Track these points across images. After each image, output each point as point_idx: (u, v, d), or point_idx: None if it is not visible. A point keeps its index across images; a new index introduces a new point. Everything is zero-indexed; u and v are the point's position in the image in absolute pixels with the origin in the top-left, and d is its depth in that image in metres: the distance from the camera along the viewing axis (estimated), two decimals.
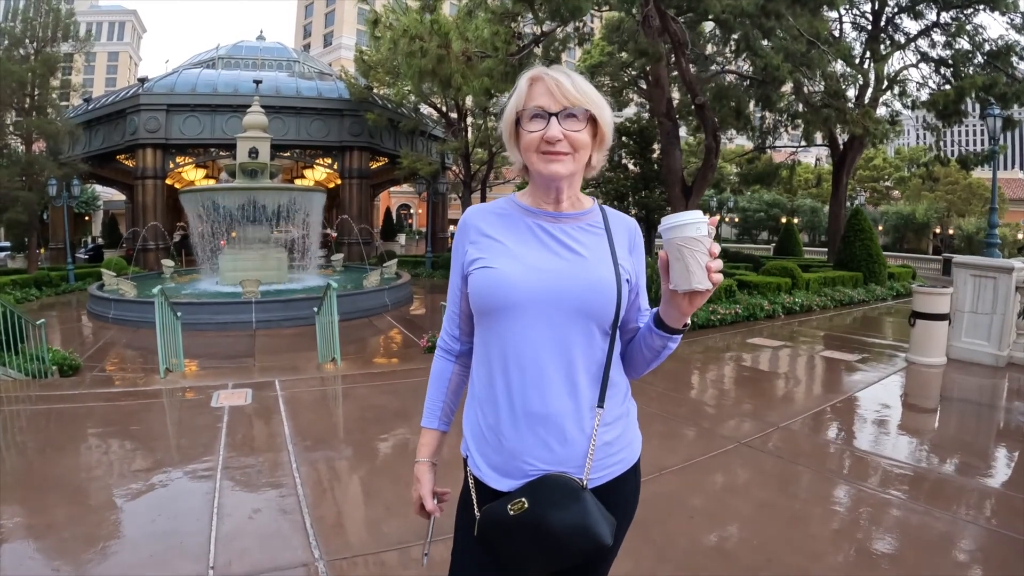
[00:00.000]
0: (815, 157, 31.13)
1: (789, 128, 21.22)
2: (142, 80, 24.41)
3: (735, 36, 11.77)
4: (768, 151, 24.27)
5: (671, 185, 13.83)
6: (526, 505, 1.25)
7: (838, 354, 7.87)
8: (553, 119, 1.30)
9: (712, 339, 9.02)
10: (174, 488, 3.77)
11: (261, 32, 35.38)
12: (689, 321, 1.31)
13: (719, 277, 1.17)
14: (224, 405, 5.47)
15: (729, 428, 5.01)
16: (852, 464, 4.28)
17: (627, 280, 1.38)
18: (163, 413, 5.66)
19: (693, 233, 1.15)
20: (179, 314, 8.68)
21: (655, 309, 1.35)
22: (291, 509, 3.41)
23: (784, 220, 39.25)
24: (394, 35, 12.02)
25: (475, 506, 1.38)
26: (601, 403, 1.34)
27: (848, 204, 20.71)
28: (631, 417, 1.48)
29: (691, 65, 14.89)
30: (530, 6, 10.86)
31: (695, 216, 1.15)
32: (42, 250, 27.25)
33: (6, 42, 19.47)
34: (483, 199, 28.92)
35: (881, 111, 18.75)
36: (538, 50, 12.88)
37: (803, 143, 21.24)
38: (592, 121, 1.34)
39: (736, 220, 48.68)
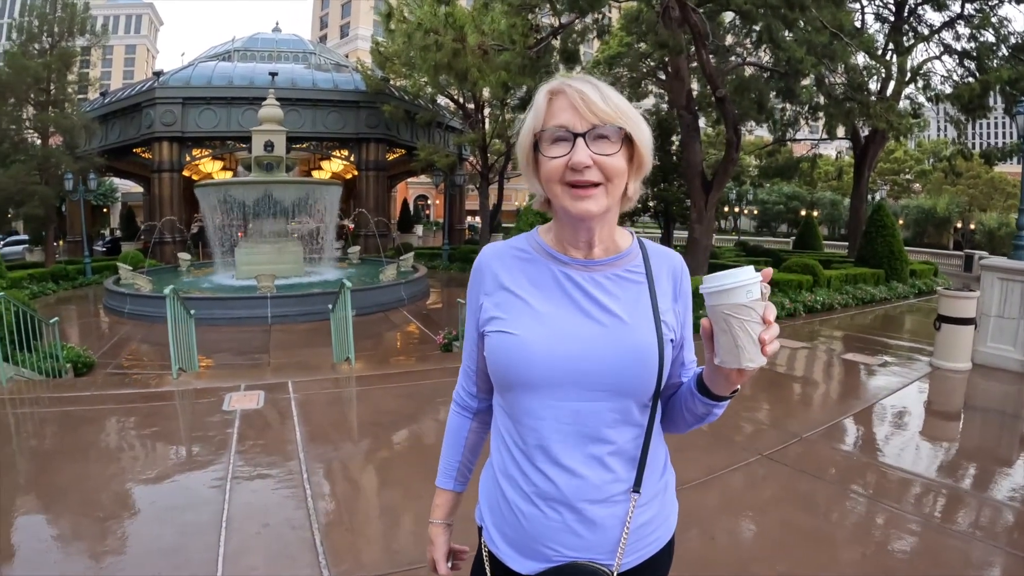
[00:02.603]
0: (836, 150, 30.73)
1: (810, 121, 20.91)
2: (157, 74, 24.47)
3: (757, 27, 11.53)
4: (789, 144, 23.95)
5: (691, 179, 13.62)
6: None
7: (860, 357, 7.67)
8: (579, 141, 1.06)
9: None
10: (183, 499, 3.70)
11: (277, 24, 35.31)
12: (739, 387, 1.08)
13: (775, 347, 0.96)
14: (236, 409, 5.40)
15: (750, 438, 4.85)
16: (878, 480, 4.11)
17: (671, 340, 1.17)
18: (174, 418, 5.61)
19: (743, 299, 0.94)
20: (192, 312, 8.65)
21: (699, 369, 1.15)
22: (300, 524, 3.33)
23: (804, 213, 38.86)
24: (408, 28, 11.91)
25: None
26: (637, 487, 1.15)
27: (869, 198, 20.38)
28: (669, 489, 1.29)
29: (712, 57, 14.66)
30: None
31: (745, 276, 0.94)
32: (60, 243, 27.49)
33: (23, 37, 19.56)
34: (500, 191, 28.75)
35: (904, 104, 18.39)
36: (556, 42, 12.71)
37: (824, 136, 20.92)
38: (627, 141, 1.10)
39: (755, 212, 48.36)
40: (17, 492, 3.79)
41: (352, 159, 26.20)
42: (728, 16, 16.64)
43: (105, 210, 45.98)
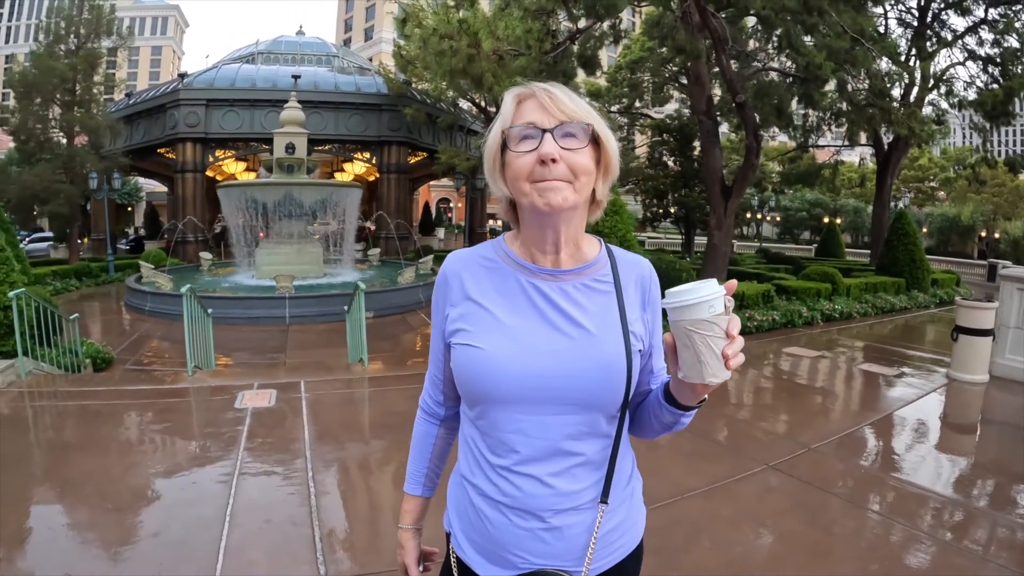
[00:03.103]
0: (859, 156, 30.38)
1: (832, 127, 20.71)
2: (182, 75, 24.86)
3: (777, 32, 11.44)
4: (811, 150, 23.73)
5: (711, 185, 13.53)
6: None
7: (876, 367, 7.58)
8: (547, 135, 1.06)
9: (747, 346, 8.65)
10: (190, 493, 3.77)
11: (300, 27, 35.74)
12: (706, 396, 1.07)
13: (739, 361, 0.95)
14: (248, 407, 5.47)
15: (758, 448, 4.79)
16: (886, 494, 4.03)
17: (639, 351, 1.16)
18: (187, 413, 5.70)
19: (705, 314, 0.92)
20: (210, 311, 8.76)
21: (667, 378, 1.12)
22: (302, 521, 3.37)
23: (827, 220, 38.48)
24: (424, 33, 11.96)
25: None
26: (605, 498, 1.15)
27: (893, 205, 20.15)
28: (636, 495, 1.28)
29: (733, 62, 14.58)
30: (564, 3, 10.66)
31: (707, 290, 0.92)
32: (85, 240, 27.96)
33: (49, 38, 19.96)
34: None
35: (927, 110, 18.17)
36: (575, 47, 12.70)
37: (846, 142, 20.71)
38: (595, 142, 1.11)
39: (778, 219, 48.02)
40: (30, 482, 3.88)
41: (374, 162, 26.35)
42: (751, 21, 16.57)
43: (130, 209, 46.72)
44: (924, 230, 38.82)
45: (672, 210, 24.99)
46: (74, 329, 7.80)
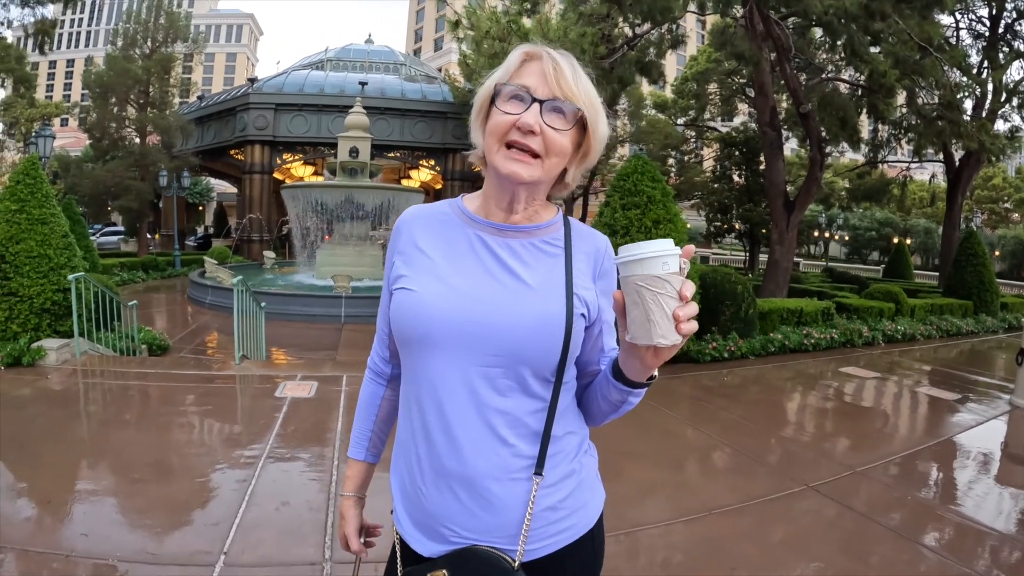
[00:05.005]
0: (930, 174, 29.13)
1: (903, 142, 19.92)
2: (252, 80, 25.72)
3: (841, 41, 11.06)
4: (880, 166, 22.88)
5: (773, 198, 13.16)
6: None
7: (935, 391, 7.18)
8: (535, 105, 1.04)
9: (803, 364, 8.43)
10: (216, 471, 3.85)
11: (369, 36, 36.52)
12: (656, 373, 1.03)
13: (691, 327, 0.90)
14: (287, 396, 5.56)
15: (800, 468, 4.54)
16: (933, 524, 3.75)
17: (582, 314, 1.10)
18: (227, 398, 5.82)
19: (658, 270, 0.88)
20: (263, 304, 8.96)
21: (615, 354, 1.08)
22: (318, 506, 3.38)
23: (896, 240, 37.06)
24: (477, 36, 12.00)
25: (399, 565, 1.19)
26: (539, 468, 1.08)
27: (964, 226, 19.23)
28: (585, 473, 1.19)
29: (801, 73, 14.19)
30: (619, 6, 10.51)
31: (662, 247, 0.88)
32: (156, 236, 29.18)
33: (125, 42, 20.97)
34: (584, 207, 28.52)
35: (1000, 125, 17.29)
36: (632, 53, 12.55)
37: (916, 158, 19.89)
38: (581, 126, 1.08)
39: (846, 238, 46.62)
40: (70, 451, 4.04)
41: (438, 169, 26.64)
42: (818, 33, 16.11)
43: (201, 208, 48.56)
44: (996, 253, 36.97)
45: (736, 225, 24.47)
46: (132, 316, 8.07)
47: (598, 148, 1.12)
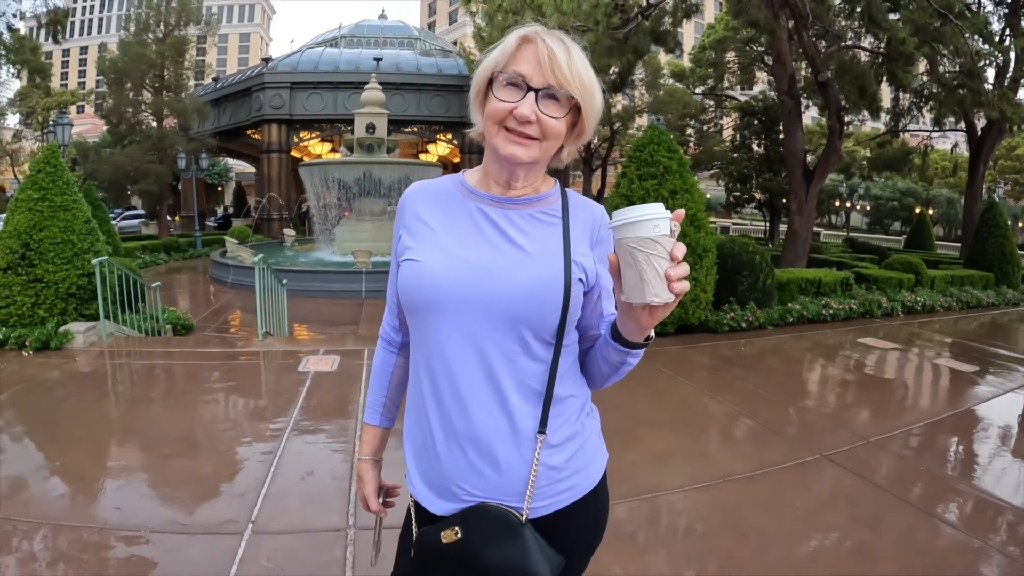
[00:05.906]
0: (952, 143, 28.48)
1: (924, 111, 19.50)
2: (266, 60, 25.72)
3: (859, 8, 10.81)
4: (902, 135, 22.44)
5: (792, 168, 13.00)
6: (459, 535, 1.11)
7: (954, 363, 7.14)
8: (530, 95, 1.09)
9: (821, 335, 8.43)
10: (242, 444, 3.98)
11: (383, 11, 36.27)
12: (653, 334, 1.10)
13: (683, 286, 0.96)
14: (310, 370, 5.69)
15: (814, 437, 4.58)
16: (942, 495, 3.76)
17: (580, 279, 1.15)
18: (251, 374, 5.97)
19: (649, 232, 0.93)
20: (284, 282, 9.09)
21: (613, 319, 1.14)
22: (342, 476, 3.50)
23: (918, 211, 36.49)
24: (489, 9, 11.91)
25: (414, 526, 1.25)
26: (543, 427, 1.15)
27: (987, 196, 18.83)
28: (587, 435, 1.25)
29: (820, 40, 13.93)
30: None
31: (653, 210, 0.94)
32: (176, 218, 29.48)
33: (138, 27, 20.98)
34: (603, 177, 28.39)
35: (1022, 94, 16.82)
36: (646, 23, 12.36)
37: (936, 128, 19.49)
38: (575, 109, 1.14)
39: (868, 208, 45.94)
40: (99, 428, 4.21)
41: (456, 143, 26.56)
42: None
43: (220, 188, 48.78)
44: (1020, 225, 36.30)
45: (756, 195, 24.22)
46: (156, 297, 8.23)
47: (591, 126, 1.18)
